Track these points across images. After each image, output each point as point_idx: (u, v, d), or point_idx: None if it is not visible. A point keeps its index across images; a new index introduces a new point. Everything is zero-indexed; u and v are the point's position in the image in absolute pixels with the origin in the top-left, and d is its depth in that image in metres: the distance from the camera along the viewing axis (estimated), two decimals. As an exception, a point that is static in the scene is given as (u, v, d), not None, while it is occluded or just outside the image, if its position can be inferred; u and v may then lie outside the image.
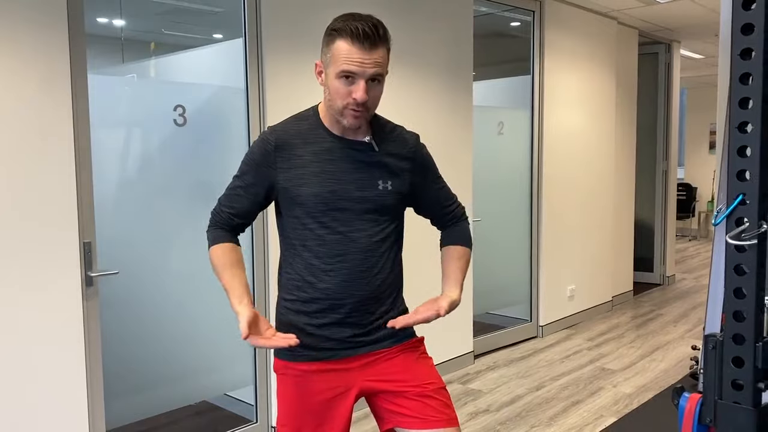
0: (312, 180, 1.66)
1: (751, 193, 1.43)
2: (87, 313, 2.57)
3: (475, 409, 3.74)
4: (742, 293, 1.46)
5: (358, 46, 1.55)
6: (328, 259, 1.68)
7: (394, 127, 1.80)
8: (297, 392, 1.73)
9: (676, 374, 4.26)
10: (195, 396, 3.16)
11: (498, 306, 5.14)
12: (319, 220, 1.67)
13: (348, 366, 1.73)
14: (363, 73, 1.57)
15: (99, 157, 2.74)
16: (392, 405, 1.74)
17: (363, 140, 1.71)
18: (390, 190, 1.72)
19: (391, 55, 1.68)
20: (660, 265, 7.13)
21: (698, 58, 8.07)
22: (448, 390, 1.82)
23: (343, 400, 1.73)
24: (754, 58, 1.39)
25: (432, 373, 1.79)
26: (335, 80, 1.59)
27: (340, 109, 1.62)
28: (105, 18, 4.29)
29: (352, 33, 1.55)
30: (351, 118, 1.62)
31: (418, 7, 3.91)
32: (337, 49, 1.58)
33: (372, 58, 1.57)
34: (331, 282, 1.69)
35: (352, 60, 1.56)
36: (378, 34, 1.57)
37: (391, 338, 1.77)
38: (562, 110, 5.28)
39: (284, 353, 1.75)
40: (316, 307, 1.71)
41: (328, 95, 1.64)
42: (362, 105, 1.60)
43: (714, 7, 5.50)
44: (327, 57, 1.61)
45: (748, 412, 1.45)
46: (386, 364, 1.76)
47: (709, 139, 11.29)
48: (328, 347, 1.72)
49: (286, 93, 3.24)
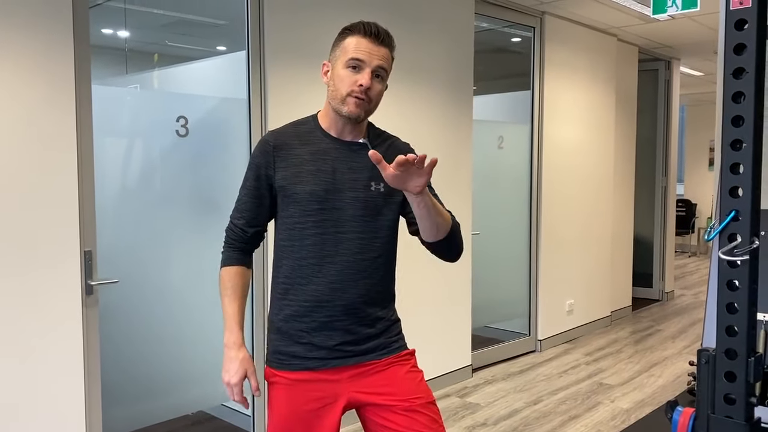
0: (307, 178, 1.71)
1: (743, 209, 1.45)
2: (86, 322, 2.58)
3: (473, 423, 3.74)
4: (734, 308, 1.48)
5: (368, 39, 1.68)
6: (318, 259, 1.71)
7: (389, 136, 1.87)
8: (286, 402, 1.74)
9: (674, 390, 4.26)
10: (192, 406, 3.16)
11: (496, 320, 5.14)
12: (312, 219, 1.71)
13: (337, 377, 1.75)
14: (370, 62, 1.67)
15: (101, 166, 2.76)
16: (380, 419, 1.75)
17: (359, 141, 1.77)
18: (381, 192, 1.75)
19: (393, 70, 1.73)
20: (659, 280, 7.14)
21: (698, 75, 8.12)
22: (437, 405, 1.82)
23: (330, 410, 1.74)
24: (745, 77, 1.42)
25: (420, 387, 1.79)
26: (343, 69, 1.69)
27: (344, 96, 1.69)
28: (110, 29, 4.34)
29: (363, 29, 1.69)
30: (353, 106, 1.69)
31: (420, 23, 3.95)
32: (347, 43, 1.70)
33: (379, 52, 1.69)
34: (319, 283, 1.71)
35: (361, 49, 1.67)
36: (387, 34, 1.72)
37: (382, 350, 1.78)
38: (562, 125, 5.31)
39: (274, 361, 1.77)
40: (305, 310, 1.72)
41: (333, 87, 1.72)
42: (365, 93, 1.68)
43: (713, 25, 5.55)
44: (336, 52, 1.72)
45: (740, 426, 1.46)
46: (376, 376, 1.76)
47: (708, 155, 11.33)
48: (317, 356, 1.73)
49: (288, 105, 3.27)
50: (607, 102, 5.87)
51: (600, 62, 5.74)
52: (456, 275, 4.33)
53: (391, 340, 1.81)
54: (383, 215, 1.77)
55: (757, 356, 1.47)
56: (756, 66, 1.40)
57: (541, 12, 5.02)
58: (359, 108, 1.69)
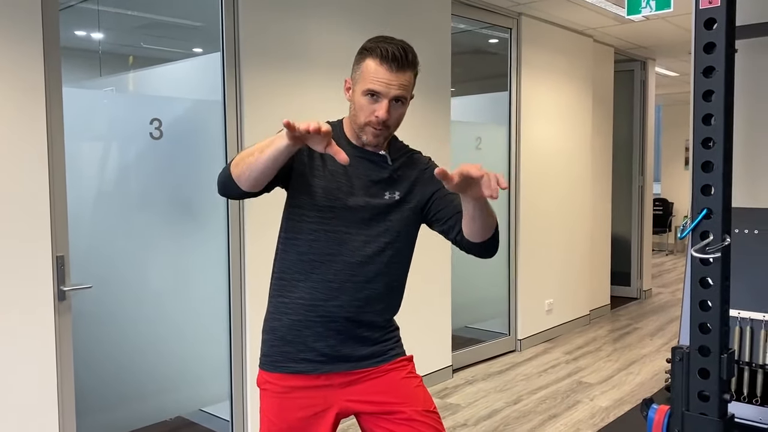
0: (325, 174, 1.70)
1: (715, 207, 1.46)
2: (59, 328, 2.53)
3: (453, 424, 3.74)
4: (707, 305, 1.49)
5: (386, 67, 1.62)
6: (319, 256, 1.69)
7: (409, 150, 1.85)
8: (278, 409, 1.72)
9: (652, 387, 4.30)
10: (170, 411, 3.12)
11: (476, 320, 5.15)
12: (320, 214, 1.69)
13: (329, 382, 1.72)
14: (387, 94, 1.64)
15: (74, 170, 2.72)
16: (379, 428, 1.72)
17: (379, 153, 1.76)
18: (396, 200, 1.74)
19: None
20: (637, 279, 7.20)
21: (673, 75, 8.23)
22: (438, 413, 1.78)
23: (322, 419, 1.71)
24: (715, 75, 1.44)
25: (419, 393, 1.76)
26: (361, 97, 1.66)
27: (362, 125, 1.68)
28: (83, 31, 4.28)
29: (381, 54, 1.63)
30: (371, 135, 1.68)
31: (396, 24, 3.95)
32: (366, 68, 1.65)
33: (398, 81, 1.64)
34: (316, 280, 1.69)
35: (378, 80, 1.63)
36: (407, 58, 1.65)
37: (377, 358, 1.75)
38: (539, 126, 5.34)
39: (266, 363, 1.75)
40: (299, 308, 1.70)
41: (353, 110, 1.70)
42: (383, 124, 1.66)
43: (686, 26, 5.62)
44: (356, 74, 1.69)
45: (715, 423, 1.47)
46: (370, 383, 1.74)
47: (684, 155, 11.47)
48: (309, 358, 1.71)
49: (263, 107, 3.24)
50: (583, 102, 5.91)
51: (576, 63, 5.78)
52: (436, 277, 4.33)
53: (386, 348, 1.78)
54: (393, 222, 1.74)
55: (730, 353, 1.48)
56: (725, 64, 1.42)
57: (517, 13, 5.04)
58: (377, 138, 1.69)
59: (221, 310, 3.21)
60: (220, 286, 3.20)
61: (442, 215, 1.73)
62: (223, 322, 3.21)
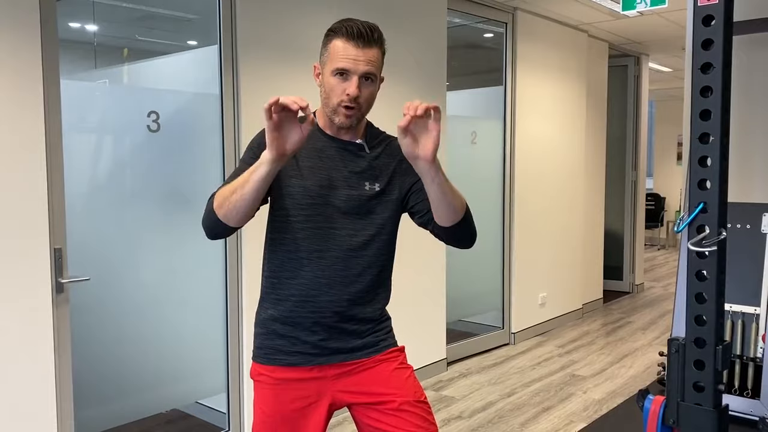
0: (303, 173, 1.69)
1: (711, 201, 1.48)
2: (57, 320, 2.54)
3: (448, 416, 3.77)
4: (703, 298, 1.52)
5: (352, 44, 1.63)
6: (307, 253, 1.69)
7: (387, 136, 1.85)
8: (271, 401, 1.73)
9: (645, 380, 4.34)
10: (166, 404, 3.13)
11: (471, 314, 5.18)
12: (304, 213, 1.69)
13: (321, 374, 1.73)
14: (356, 70, 1.63)
15: (72, 162, 2.72)
16: (369, 419, 1.74)
17: (355, 141, 1.75)
18: (376, 191, 1.74)
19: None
20: (629, 273, 7.25)
21: (666, 71, 8.26)
22: (429, 403, 1.79)
23: (315, 410, 1.73)
24: (713, 72, 1.46)
25: (408, 384, 1.77)
26: (331, 77, 1.65)
27: (335, 106, 1.67)
28: (78, 23, 4.26)
29: (346, 31, 1.63)
30: (343, 116, 1.67)
31: (392, 19, 3.95)
32: (333, 48, 1.65)
33: (365, 56, 1.63)
34: (306, 277, 1.69)
35: (346, 57, 1.62)
36: (372, 35, 1.65)
37: (368, 349, 1.77)
38: (534, 120, 5.36)
39: (259, 356, 1.76)
40: (291, 305, 1.71)
41: (324, 94, 1.69)
42: (355, 101, 1.65)
43: (680, 21, 5.65)
44: (324, 57, 1.68)
45: (709, 413, 1.50)
46: (361, 374, 1.75)
47: (677, 150, 11.53)
48: (301, 351, 1.72)
49: (260, 100, 3.24)
50: (578, 97, 5.94)
51: (571, 58, 5.80)
52: (431, 270, 4.35)
53: (378, 339, 1.79)
54: (377, 214, 1.74)
55: (725, 345, 1.51)
56: (723, 61, 1.44)
57: (513, 8, 5.05)
58: (350, 118, 1.68)
59: (218, 302, 3.22)
60: (216, 279, 3.21)
61: (420, 207, 1.74)
62: (219, 314, 3.22)
